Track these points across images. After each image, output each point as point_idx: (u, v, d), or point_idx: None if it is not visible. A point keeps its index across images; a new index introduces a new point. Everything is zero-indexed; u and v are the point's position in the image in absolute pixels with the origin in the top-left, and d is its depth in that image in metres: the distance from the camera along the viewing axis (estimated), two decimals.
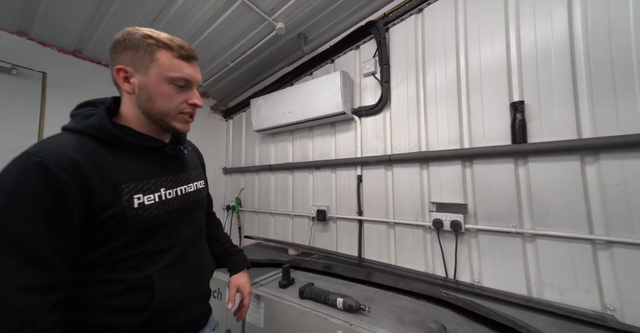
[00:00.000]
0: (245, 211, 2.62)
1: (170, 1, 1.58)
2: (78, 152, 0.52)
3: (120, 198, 0.55)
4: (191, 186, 0.73)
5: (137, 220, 0.56)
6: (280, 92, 2.09)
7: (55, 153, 0.50)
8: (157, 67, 0.58)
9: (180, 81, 0.61)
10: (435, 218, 1.39)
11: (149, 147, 0.63)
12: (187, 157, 0.76)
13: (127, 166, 0.59)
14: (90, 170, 0.52)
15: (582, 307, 1.04)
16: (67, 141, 0.53)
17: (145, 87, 0.59)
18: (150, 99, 0.60)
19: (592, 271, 1.05)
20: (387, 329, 0.87)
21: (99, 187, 0.52)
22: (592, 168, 1.08)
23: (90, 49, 1.94)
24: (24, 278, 0.45)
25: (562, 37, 1.16)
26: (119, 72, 0.59)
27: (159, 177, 0.64)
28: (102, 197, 0.53)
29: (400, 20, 1.68)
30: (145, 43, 0.58)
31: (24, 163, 0.48)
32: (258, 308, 1.19)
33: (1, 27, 1.65)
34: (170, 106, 0.61)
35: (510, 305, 1.08)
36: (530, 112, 1.21)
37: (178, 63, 0.60)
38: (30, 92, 1.73)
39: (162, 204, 0.62)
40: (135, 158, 0.61)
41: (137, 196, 0.57)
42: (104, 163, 0.55)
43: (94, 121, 0.56)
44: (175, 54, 0.60)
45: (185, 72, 0.61)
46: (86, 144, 0.54)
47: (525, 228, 1.19)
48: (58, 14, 1.60)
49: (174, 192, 0.66)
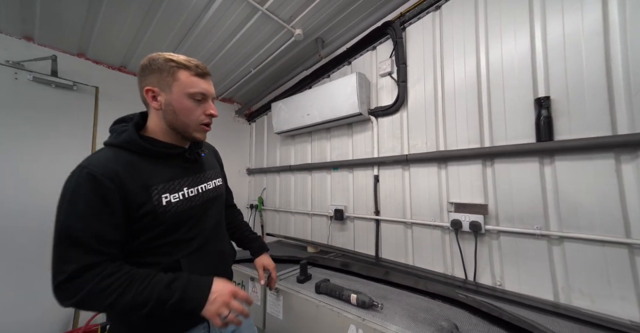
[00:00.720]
0: (267, 210, 2.74)
1: (199, 17, 1.73)
2: (117, 163, 0.64)
3: (150, 198, 0.66)
4: (210, 184, 0.83)
5: (166, 216, 0.68)
6: (299, 95, 2.16)
7: (100, 165, 0.62)
8: (179, 85, 0.69)
9: (198, 95, 0.71)
10: (454, 219, 1.36)
11: (172, 154, 0.74)
12: (205, 159, 0.87)
13: (155, 171, 0.70)
14: (126, 177, 0.63)
15: (618, 316, 0.96)
16: (108, 155, 0.66)
17: (170, 104, 0.69)
18: (175, 114, 0.70)
19: (629, 277, 0.96)
20: (398, 325, 0.89)
21: (134, 190, 0.64)
22: (629, 166, 1.00)
23: (133, 64, 2.19)
24: (80, 261, 0.58)
25: (595, 28, 1.08)
26: (147, 92, 0.70)
27: (181, 178, 0.75)
28: (137, 198, 0.64)
29: (417, 19, 1.66)
30: (167, 66, 0.69)
31: (78, 174, 0.61)
32: (277, 301, 1.27)
33: (67, 51, 1.94)
34: (191, 119, 0.72)
35: (535, 310, 1.03)
36: (557, 107, 1.15)
37: (195, 80, 0.70)
38: (86, 104, 2.00)
39: (185, 201, 0.73)
40: (162, 163, 0.72)
41: (165, 195, 0.69)
42: (137, 170, 0.66)
43: (126, 136, 0.68)
44: (192, 72, 0.70)
45: (202, 87, 0.71)
46: (122, 155, 0.67)
47: (551, 230, 1.13)
48: (108, 36, 1.84)
49: (195, 190, 0.77)
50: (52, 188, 1.79)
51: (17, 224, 1.67)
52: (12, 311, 1.62)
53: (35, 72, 1.75)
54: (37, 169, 1.76)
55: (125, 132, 0.69)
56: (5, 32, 1.72)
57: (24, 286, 1.66)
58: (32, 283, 1.69)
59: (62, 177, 0.63)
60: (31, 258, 1.69)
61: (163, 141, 0.73)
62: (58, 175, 1.86)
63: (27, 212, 1.70)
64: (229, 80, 2.55)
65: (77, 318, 1.83)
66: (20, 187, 1.69)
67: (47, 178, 1.78)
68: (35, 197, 1.73)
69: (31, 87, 1.76)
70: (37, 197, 1.74)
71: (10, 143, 1.67)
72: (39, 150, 1.77)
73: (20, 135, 1.71)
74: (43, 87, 1.80)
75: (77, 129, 1.94)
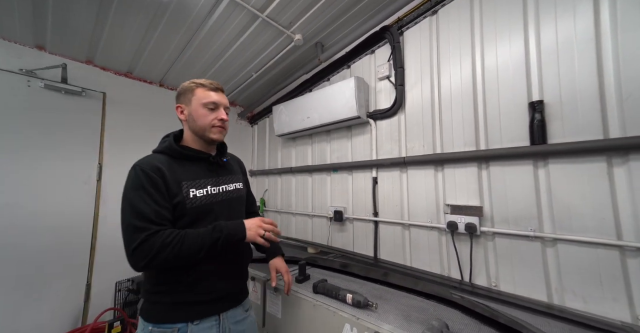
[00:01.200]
0: (269, 211, 2.79)
1: (201, 24, 1.78)
2: (160, 162, 0.85)
3: (181, 191, 0.84)
4: (231, 186, 0.99)
5: (192, 207, 0.84)
6: (299, 98, 2.21)
7: (147, 164, 0.83)
8: (196, 98, 0.90)
9: (211, 104, 0.91)
10: (450, 221, 1.38)
11: (199, 157, 0.93)
12: (228, 165, 1.04)
13: (186, 170, 0.88)
14: (166, 173, 0.83)
15: (609, 316, 0.98)
16: (152, 158, 0.87)
17: (191, 113, 0.91)
18: (194, 120, 0.91)
19: (620, 279, 0.98)
20: (391, 324, 0.92)
21: (171, 183, 0.83)
22: (620, 170, 1.01)
23: (139, 70, 2.26)
24: (147, 230, 0.75)
25: (587, 33, 1.10)
26: (177, 108, 0.94)
27: (206, 178, 0.92)
28: (173, 189, 0.82)
29: (414, 24, 1.69)
30: (190, 87, 0.91)
31: (134, 171, 0.82)
32: (276, 300, 1.31)
33: (76, 58, 2.02)
34: (205, 122, 0.90)
35: (529, 311, 1.05)
36: (550, 111, 1.16)
37: (209, 93, 0.91)
38: (94, 109, 2.08)
39: (208, 196, 0.89)
40: (191, 165, 0.91)
41: (192, 190, 0.86)
42: (172, 169, 0.85)
43: (167, 144, 0.91)
44: (206, 88, 0.91)
45: (214, 98, 0.91)
46: (163, 158, 0.87)
47: (545, 232, 1.14)
48: (115, 43, 1.91)
49: (217, 188, 0.93)
50: (63, 190, 1.86)
51: (30, 227, 1.74)
52: (25, 310, 1.69)
53: (47, 79, 1.83)
54: (47, 172, 1.83)
55: (167, 141, 0.91)
56: (19, 42, 1.80)
57: (36, 286, 1.74)
58: (43, 283, 1.76)
59: (71, 179, 0.69)
60: (43, 260, 1.77)
61: (193, 148, 0.93)
62: (68, 177, 1.93)
63: (39, 215, 1.78)
64: (231, 84, 2.60)
65: (85, 315, 1.90)
66: (31, 190, 1.77)
67: (58, 181, 1.85)
68: (47, 199, 1.81)
69: (43, 94, 1.84)
70: (48, 199, 1.82)
71: (23, 147, 1.75)
72: (49, 154, 1.85)
73: (33, 140, 1.79)
74: (54, 94, 1.88)
75: (85, 132, 2.01)
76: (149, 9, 1.63)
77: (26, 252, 1.72)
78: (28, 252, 1.72)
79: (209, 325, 0.85)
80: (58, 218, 1.85)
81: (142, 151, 0.94)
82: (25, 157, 1.75)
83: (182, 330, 0.81)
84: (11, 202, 1.69)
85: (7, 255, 1.66)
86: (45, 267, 1.77)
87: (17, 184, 1.72)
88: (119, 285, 2.03)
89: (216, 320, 0.87)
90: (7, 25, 1.66)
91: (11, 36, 1.75)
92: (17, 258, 1.69)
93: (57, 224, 1.84)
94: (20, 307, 1.68)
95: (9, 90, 1.72)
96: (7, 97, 1.71)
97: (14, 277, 1.67)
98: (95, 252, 1.99)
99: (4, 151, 1.68)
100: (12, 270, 1.66)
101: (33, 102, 1.80)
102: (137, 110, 2.30)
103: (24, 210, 1.73)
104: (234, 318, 0.92)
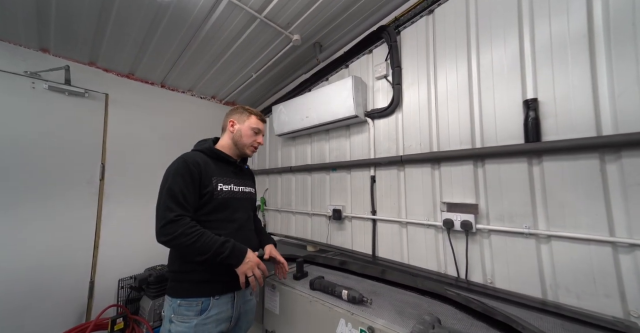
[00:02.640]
0: (269, 210, 2.81)
1: (201, 26, 1.81)
2: (199, 158, 1.06)
3: (211, 183, 1.04)
4: (247, 188, 1.22)
5: (219, 196, 1.05)
6: (298, 98, 2.23)
7: (190, 157, 1.04)
8: (249, 122, 1.17)
9: (257, 130, 1.19)
10: (446, 218, 1.40)
11: (228, 161, 1.16)
12: (247, 172, 1.30)
13: (217, 169, 1.10)
14: (203, 167, 1.03)
15: (602, 312, 0.99)
16: (196, 154, 1.09)
17: (240, 130, 1.16)
18: (240, 136, 1.16)
19: (612, 275, 0.99)
20: (385, 319, 0.94)
21: (205, 175, 1.03)
22: (612, 167, 1.02)
23: (140, 72, 2.30)
24: (176, 211, 0.93)
25: (580, 30, 1.11)
26: (230, 122, 1.18)
27: (232, 177, 1.14)
28: (205, 181, 1.03)
29: (411, 23, 1.71)
30: (246, 112, 1.19)
31: (178, 161, 1.03)
32: (274, 296, 1.33)
33: (79, 60, 2.06)
34: (248, 142, 1.17)
35: (524, 307, 1.06)
36: (544, 109, 1.17)
37: (259, 122, 1.20)
38: (97, 110, 2.12)
39: (231, 192, 1.11)
40: (222, 166, 1.14)
41: (220, 184, 1.07)
42: (208, 165, 1.07)
43: (207, 145, 1.15)
44: (259, 118, 1.20)
45: (261, 126, 1.20)
46: (202, 156, 1.09)
47: (539, 229, 1.15)
48: (117, 45, 1.95)
49: (238, 188, 1.15)
50: (66, 190, 1.90)
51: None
52: (31, 306, 1.73)
53: (51, 81, 1.87)
54: (51, 171, 1.87)
55: (207, 143, 1.16)
56: (24, 45, 1.84)
57: (41, 283, 1.78)
58: (48, 280, 1.80)
59: (72, 179, 0.71)
60: (48, 258, 1.81)
61: (226, 153, 1.16)
62: (71, 176, 1.96)
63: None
64: (231, 84, 2.63)
65: (89, 312, 1.95)
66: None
67: (62, 180, 1.89)
68: (49, 198, 1.85)
69: (47, 95, 1.88)
70: (51, 198, 1.85)
71: (29, 148, 1.79)
72: (55, 153, 1.89)
73: (37, 140, 1.83)
74: (57, 95, 1.92)
75: (88, 133, 2.05)
76: (149, 11, 1.66)
77: (32, 250, 1.76)
78: (34, 251, 1.77)
79: (226, 300, 1.02)
80: (61, 218, 1.89)
81: (144, 151, 0.99)
82: (32, 157, 1.80)
83: (205, 303, 0.97)
84: None
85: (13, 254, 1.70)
86: (50, 265, 1.82)
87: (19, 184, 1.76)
88: (122, 283, 2.07)
89: (231, 297, 1.04)
90: (13, 29, 1.70)
91: (16, 40, 1.80)
92: (22, 257, 1.73)
93: (60, 223, 1.89)
94: (27, 303, 1.72)
95: (14, 91, 1.77)
96: (13, 98, 1.75)
97: (23, 274, 1.71)
98: (98, 250, 2.03)
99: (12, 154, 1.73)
100: (19, 267, 1.71)
101: (37, 103, 1.84)
102: (138, 110, 2.33)
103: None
104: (243, 298, 1.11)
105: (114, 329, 1.75)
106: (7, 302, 1.65)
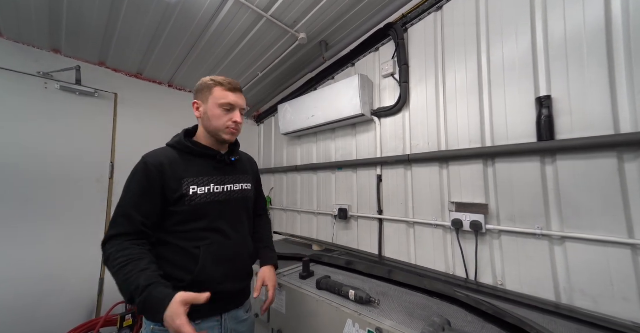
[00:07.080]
0: (275, 209, 2.82)
1: (208, 25, 1.82)
2: (164, 157, 0.85)
3: (181, 187, 0.83)
4: (237, 186, 0.96)
5: (192, 204, 0.84)
6: (304, 97, 2.22)
7: (152, 157, 0.85)
8: (213, 98, 0.87)
9: (227, 106, 0.88)
10: (455, 219, 1.37)
11: (205, 154, 0.91)
12: (238, 164, 1.01)
13: (190, 167, 0.87)
14: (168, 168, 0.83)
15: (620, 316, 0.95)
16: (164, 151, 0.89)
17: (206, 112, 0.88)
18: (208, 119, 0.89)
19: (632, 278, 0.95)
20: (393, 321, 0.92)
21: (171, 178, 0.83)
22: (632, 166, 0.98)
23: (148, 71, 2.33)
24: (119, 229, 0.77)
25: (597, 24, 1.06)
26: (194, 104, 0.92)
27: (210, 175, 0.90)
28: (172, 184, 0.83)
29: (419, 20, 1.68)
30: (208, 84, 0.88)
31: (140, 161, 0.85)
32: (281, 296, 1.32)
33: (89, 61, 2.09)
34: (219, 124, 0.89)
35: (536, 310, 1.03)
36: (558, 107, 1.14)
37: (226, 94, 0.88)
38: (106, 109, 2.15)
39: (210, 195, 0.88)
40: (197, 161, 0.90)
41: (193, 187, 0.85)
42: (177, 164, 0.86)
43: (177, 139, 0.91)
44: (225, 87, 0.88)
45: (230, 99, 0.88)
46: (170, 152, 0.88)
47: (553, 230, 1.12)
48: (126, 45, 1.97)
49: (221, 187, 0.91)
50: (77, 188, 1.94)
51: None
52: (43, 301, 1.77)
53: (62, 81, 1.91)
54: (60, 170, 1.91)
55: (178, 136, 0.92)
56: (37, 46, 1.88)
57: (53, 279, 1.82)
58: (59, 276, 1.84)
59: (82, 177, 0.72)
60: (60, 258, 1.85)
61: (203, 144, 0.92)
62: (82, 175, 2.00)
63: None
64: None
65: (99, 308, 1.98)
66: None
67: (71, 178, 1.93)
68: (58, 198, 1.89)
69: (58, 95, 1.92)
70: (59, 198, 1.90)
71: (39, 147, 1.83)
72: (66, 151, 1.93)
73: (49, 140, 1.87)
74: (68, 95, 1.96)
75: (98, 132, 2.09)
76: (157, 11, 1.68)
77: (43, 246, 1.80)
78: (45, 247, 1.81)
79: (211, 325, 0.84)
80: (71, 215, 1.93)
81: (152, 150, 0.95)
82: (42, 156, 1.84)
83: None
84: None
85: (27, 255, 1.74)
86: (61, 262, 1.85)
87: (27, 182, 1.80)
88: None
89: (218, 321, 0.86)
90: (26, 31, 1.74)
91: (29, 41, 1.84)
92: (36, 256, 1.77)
93: (71, 221, 1.92)
94: (39, 299, 1.76)
95: (28, 92, 1.81)
96: (26, 99, 1.79)
97: (36, 271, 1.75)
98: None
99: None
100: (33, 265, 1.75)
101: (50, 103, 1.88)
102: (148, 110, 2.36)
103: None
104: (236, 319, 0.92)
105: (123, 326, 1.78)
106: (21, 298, 1.69)
